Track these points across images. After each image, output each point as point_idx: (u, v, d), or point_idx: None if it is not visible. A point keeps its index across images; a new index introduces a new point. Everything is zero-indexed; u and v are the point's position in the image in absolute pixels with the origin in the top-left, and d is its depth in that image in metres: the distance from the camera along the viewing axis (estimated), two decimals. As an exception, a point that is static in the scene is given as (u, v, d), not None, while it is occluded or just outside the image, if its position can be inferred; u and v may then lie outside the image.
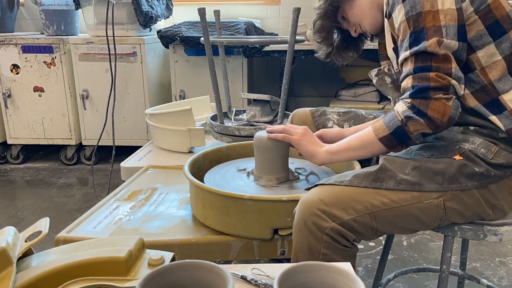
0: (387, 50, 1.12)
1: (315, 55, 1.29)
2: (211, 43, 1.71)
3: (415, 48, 0.91)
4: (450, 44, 0.89)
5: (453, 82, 0.89)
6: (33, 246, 0.70)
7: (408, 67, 0.93)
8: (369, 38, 1.28)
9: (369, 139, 0.97)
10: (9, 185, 2.73)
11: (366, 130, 0.99)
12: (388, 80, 1.15)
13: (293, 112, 1.39)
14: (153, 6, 2.85)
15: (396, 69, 1.10)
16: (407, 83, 0.93)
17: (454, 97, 0.90)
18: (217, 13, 1.92)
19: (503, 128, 0.93)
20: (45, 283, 0.64)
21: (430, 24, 0.90)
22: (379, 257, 1.42)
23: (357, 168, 1.14)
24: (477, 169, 0.92)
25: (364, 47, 1.31)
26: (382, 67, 1.17)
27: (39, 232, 0.70)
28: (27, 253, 0.71)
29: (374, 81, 1.19)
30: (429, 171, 0.93)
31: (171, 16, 3.11)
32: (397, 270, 1.50)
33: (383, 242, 1.42)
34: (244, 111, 1.97)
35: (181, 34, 2.77)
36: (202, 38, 1.70)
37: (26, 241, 0.69)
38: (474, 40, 0.93)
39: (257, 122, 1.83)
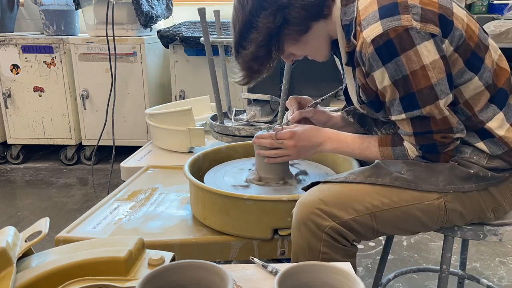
0: (351, 98, 1.07)
1: (232, 81, 1.14)
2: (211, 43, 1.71)
3: (410, 113, 0.90)
4: (446, 101, 0.88)
5: (457, 135, 0.92)
6: (33, 246, 0.70)
7: (406, 128, 0.93)
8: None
9: (373, 158, 1.00)
10: (9, 185, 2.73)
11: (371, 151, 1.01)
12: (362, 111, 1.12)
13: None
14: (153, 6, 2.85)
15: (364, 112, 1.05)
16: (409, 139, 0.94)
17: (458, 141, 0.94)
18: (217, 13, 1.92)
19: (490, 153, 0.93)
20: (45, 283, 0.64)
21: (421, 86, 0.86)
22: (379, 257, 1.42)
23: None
24: (471, 171, 0.92)
25: None
26: (348, 107, 1.14)
27: (39, 232, 0.70)
28: (27, 253, 0.71)
29: (352, 120, 1.15)
30: (424, 173, 0.93)
31: (171, 16, 3.11)
32: (397, 270, 1.50)
33: (383, 242, 1.42)
34: (244, 111, 1.97)
35: (181, 34, 2.77)
36: (202, 38, 1.70)
37: (26, 241, 0.69)
38: (456, 79, 0.91)
39: (257, 122, 1.82)
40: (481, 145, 0.94)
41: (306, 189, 0.99)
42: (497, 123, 0.92)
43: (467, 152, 0.95)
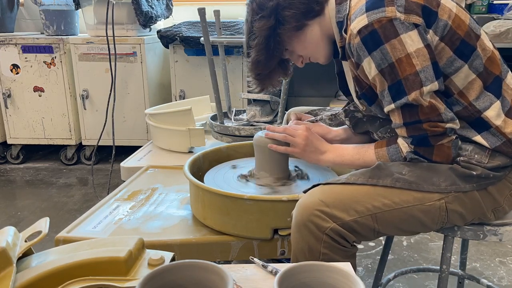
0: (351, 93, 1.09)
1: (248, 90, 1.20)
2: (211, 43, 1.71)
3: (398, 102, 0.91)
4: (431, 88, 0.89)
5: (448, 125, 0.91)
6: (33, 246, 0.70)
7: (397, 120, 0.94)
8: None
9: (370, 162, 1.01)
10: (9, 185, 2.73)
11: (368, 154, 1.02)
12: (359, 115, 1.15)
13: (288, 111, 1.39)
14: (153, 6, 2.85)
15: (363, 108, 1.08)
16: (401, 132, 0.95)
17: (455, 136, 0.93)
18: (217, 13, 1.92)
19: (489, 147, 0.93)
20: (45, 283, 0.64)
21: (406, 73, 0.88)
22: (379, 257, 1.42)
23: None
24: (474, 172, 0.92)
25: None
26: (347, 107, 1.17)
27: (39, 232, 0.70)
28: (27, 253, 0.71)
29: (348, 123, 1.17)
30: (425, 173, 0.93)
31: (171, 16, 3.11)
32: (397, 270, 1.50)
33: (383, 242, 1.42)
34: (244, 111, 1.97)
35: (181, 34, 2.77)
36: (202, 38, 1.70)
37: (26, 241, 0.69)
38: (446, 68, 0.92)
39: (257, 122, 1.83)
40: (479, 138, 0.94)
41: (307, 191, 0.99)
42: (494, 112, 0.93)
43: (468, 150, 0.94)
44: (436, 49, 0.90)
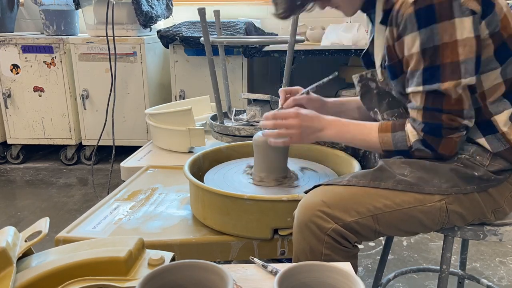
0: (375, 60, 1.05)
1: (272, 13, 1.08)
2: (211, 43, 1.71)
3: (428, 86, 0.88)
4: (468, 82, 0.86)
5: (465, 122, 0.90)
6: (33, 246, 0.70)
7: (418, 102, 0.91)
8: None
9: (373, 145, 0.99)
10: (9, 185, 2.73)
11: (372, 136, 0.99)
12: (373, 85, 1.08)
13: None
14: (153, 6, 2.85)
15: (381, 79, 1.03)
16: (417, 115, 0.92)
17: (465, 132, 0.91)
18: (217, 13, 1.92)
19: (491, 150, 0.93)
20: (45, 283, 0.64)
21: (448, 60, 0.85)
22: (379, 257, 1.42)
23: (357, 169, 1.14)
24: (476, 173, 0.92)
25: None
26: (364, 72, 1.09)
27: (39, 232, 0.70)
28: (27, 253, 0.71)
29: (358, 89, 1.11)
30: (427, 174, 0.93)
31: (171, 16, 3.11)
32: (397, 270, 1.50)
33: (383, 242, 1.42)
34: (244, 111, 1.97)
35: (181, 34, 2.77)
36: (202, 38, 1.70)
37: (26, 241, 0.69)
38: (482, 65, 0.89)
39: (257, 122, 1.82)
40: (482, 141, 0.93)
41: (308, 192, 0.99)
42: (504, 118, 0.92)
43: (470, 151, 0.94)
44: (482, 42, 0.87)
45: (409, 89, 0.93)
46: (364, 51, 1.13)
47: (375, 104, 1.09)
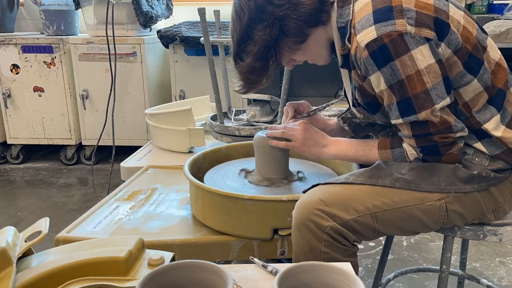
0: (347, 99, 1.08)
1: (232, 89, 1.12)
2: (211, 43, 1.71)
3: (407, 118, 0.89)
4: (443, 105, 0.87)
5: (458, 134, 0.91)
6: (33, 246, 0.70)
7: (406, 131, 0.93)
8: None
9: (374, 161, 1.00)
10: (9, 185, 2.73)
11: (372, 154, 1.01)
12: (357, 120, 1.11)
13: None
14: (153, 6, 2.85)
15: (360, 116, 1.04)
16: (410, 141, 0.94)
17: (462, 143, 0.93)
18: (217, 13, 1.92)
19: (488, 154, 0.93)
20: (45, 283, 0.64)
21: (417, 91, 0.85)
22: (379, 257, 1.42)
23: (356, 169, 1.15)
24: (476, 172, 0.92)
25: None
26: (344, 114, 1.15)
27: (39, 232, 0.69)
28: (27, 253, 0.71)
29: (347, 128, 1.15)
30: (425, 173, 0.93)
31: (171, 16, 3.11)
32: (397, 270, 1.50)
33: (383, 242, 1.42)
34: (244, 111, 1.97)
35: (181, 34, 2.76)
36: (202, 38, 1.70)
37: (26, 241, 0.69)
38: (455, 81, 0.90)
39: (257, 122, 1.82)
40: (479, 145, 0.93)
41: (306, 191, 0.99)
42: (493, 125, 0.92)
43: (469, 154, 0.95)
44: (447, 62, 0.88)
45: (392, 121, 0.94)
46: (343, 88, 1.14)
47: (369, 130, 1.12)
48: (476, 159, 0.94)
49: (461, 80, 0.90)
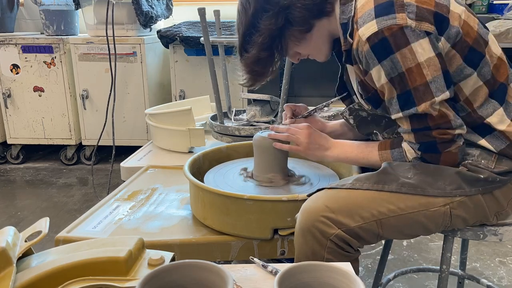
0: (355, 92, 1.08)
1: (238, 83, 1.15)
2: (211, 43, 1.71)
3: (407, 111, 0.90)
4: (442, 98, 0.87)
5: (457, 131, 0.90)
6: (33, 246, 0.70)
7: (405, 126, 0.93)
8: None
9: (375, 163, 1.01)
10: (9, 185, 2.73)
11: (373, 155, 1.01)
12: (364, 114, 1.10)
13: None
14: (153, 6, 2.85)
15: (369, 108, 1.04)
16: (409, 137, 0.94)
17: (462, 142, 0.92)
18: (217, 13, 1.92)
19: (494, 150, 0.93)
20: (45, 283, 0.64)
21: (416, 84, 0.86)
22: (379, 257, 1.42)
23: (356, 169, 1.15)
24: (481, 176, 0.92)
25: None
26: (351, 105, 1.10)
27: (39, 232, 0.70)
28: (27, 253, 0.71)
29: (352, 121, 1.13)
30: (431, 177, 0.92)
31: (171, 16, 3.11)
32: (397, 270, 1.50)
33: (383, 242, 1.42)
34: (244, 111, 1.97)
35: (181, 34, 2.77)
36: (202, 38, 1.70)
37: (26, 241, 0.69)
38: (455, 75, 0.91)
39: (257, 122, 1.82)
40: (483, 142, 0.93)
41: (311, 195, 0.98)
42: (497, 119, 0.92)
43: (474, 155, 0.94)
44: (447, 56, 0.89)
45: (392, 116, 0.95)
46: (337, 85, 1.17)
47: (373, 127, 1.11)
48: (482, 161, 0.93)
49: (462, 73, 0.90)
